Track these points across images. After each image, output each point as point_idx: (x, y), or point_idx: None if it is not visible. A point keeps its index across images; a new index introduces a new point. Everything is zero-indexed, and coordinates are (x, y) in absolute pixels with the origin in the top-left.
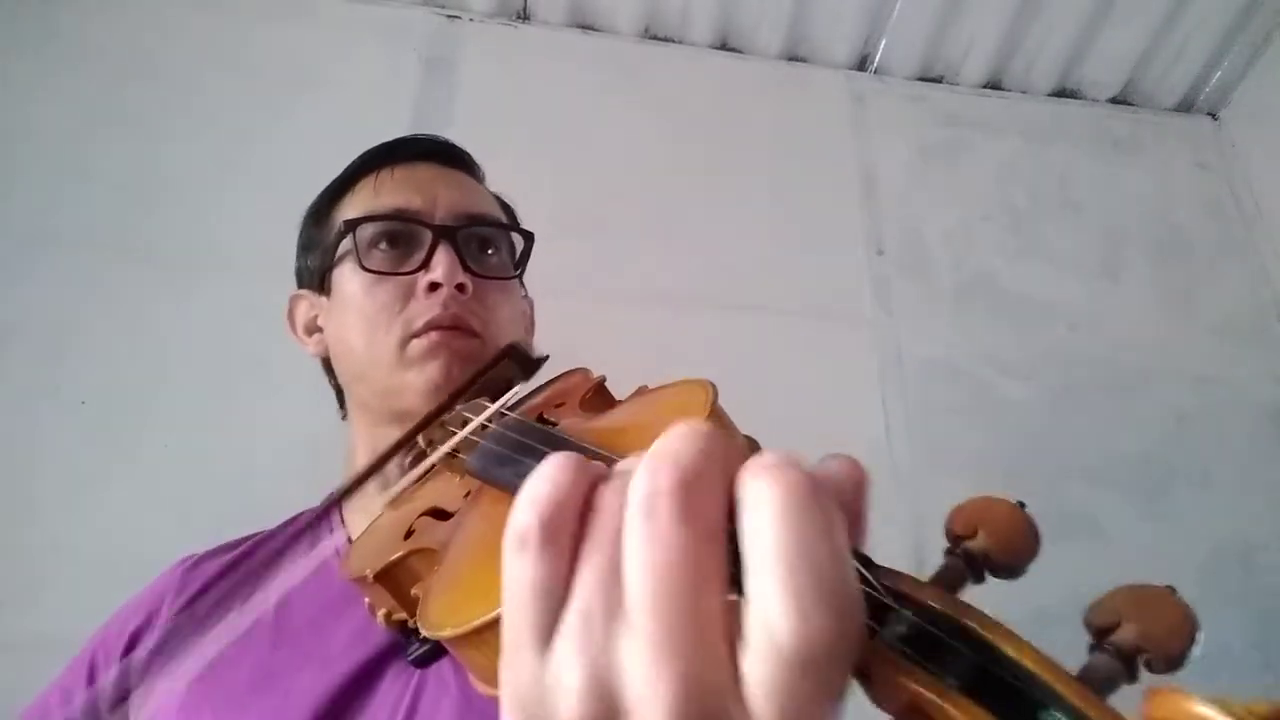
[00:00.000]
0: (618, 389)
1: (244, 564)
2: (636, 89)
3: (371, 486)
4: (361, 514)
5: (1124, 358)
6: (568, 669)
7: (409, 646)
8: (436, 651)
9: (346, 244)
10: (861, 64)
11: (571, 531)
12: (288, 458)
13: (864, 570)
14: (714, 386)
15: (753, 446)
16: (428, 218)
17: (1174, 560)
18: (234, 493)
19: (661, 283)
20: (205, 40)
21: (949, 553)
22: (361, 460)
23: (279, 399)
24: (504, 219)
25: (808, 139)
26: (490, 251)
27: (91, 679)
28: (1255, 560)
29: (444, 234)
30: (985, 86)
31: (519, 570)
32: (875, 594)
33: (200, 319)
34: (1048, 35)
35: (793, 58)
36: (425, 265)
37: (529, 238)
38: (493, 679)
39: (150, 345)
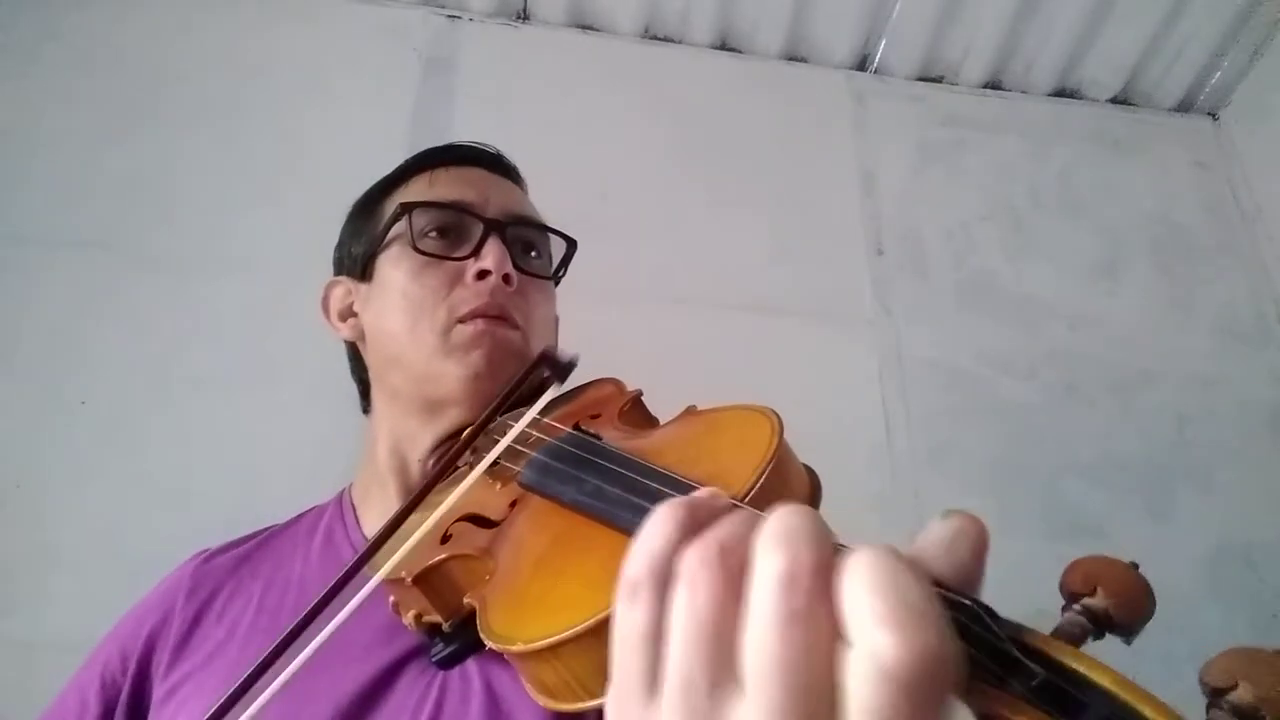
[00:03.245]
0: None
1: (254, 559)
2: (636, 89)
3: (391, 483)
4: (377, 512)
5: (1124, 358)
6: None
7: (433, 647)
8: (462, 653)
9: (399, 227)
10: (861, 64)
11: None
12: (289, 457)
13: (991, 623)
14: (779, 419)
15: (811, 475)
16: (480, 211)
17: (1175, 560)
18: (235, 492)
19: (661, 283)
20: (207, 41)
21: (1066, 608)
22: (382, 452)
23: (278, 399)
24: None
25: (808, 139)
26: (534, 254)
27: (104, 677)
28: (1256, 560)
29: (495, 227)
30: (985, 86)
31: (625, 622)
32: (1002, 646)
33: (200, 318)
34: (1048, 35)
35: (793, 58)
36: (475, 254)
37: (571, 244)
38: (557, 693)
39: (150, 345)
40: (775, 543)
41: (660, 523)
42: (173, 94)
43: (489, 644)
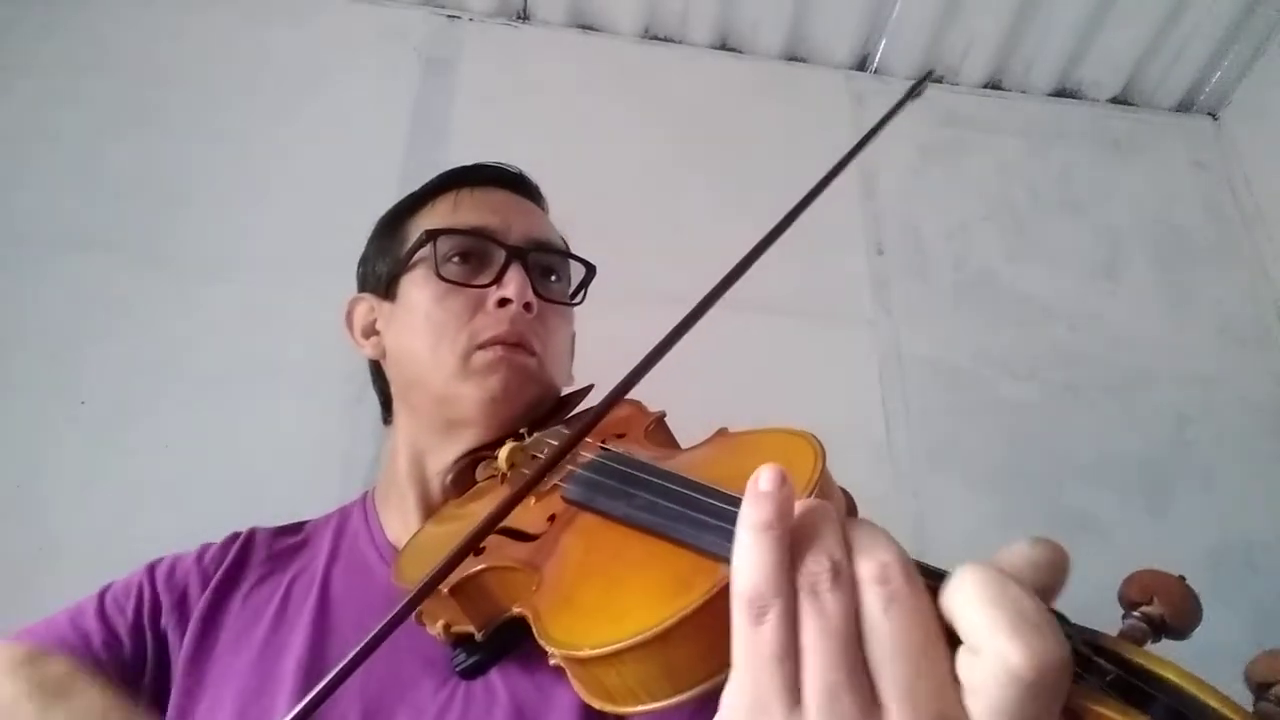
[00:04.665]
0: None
1: (288, 554)
2: (636, 89)
3: (410, 493)
4: (397, 518)
5: (1124, 358)
6: None
7: (456, 657)
8: (485, 663)
9: (424, 252)
10: (861, 64)
11: (794, 597)
12: (287, 458)
13: (1066, 628)
14: (821, 445)
15: (849, 500)
16: (502, 238)
17: (1175, 560)
18: (233, 492)
19: (661, 283)
20: (207, 42)
21: (1127, 616)
22: (402, 463)
23: (279, 399)
24: (566, 248)
25: (808, 139)
26: (554, 278)
27: (139, 623)
28: (1256, 560)
29: (516, 254)
30: (985, 86)
31: (759, 641)
32: (1078, 647)
33: (200, 319)
34: (1048, 35)
35: (793, 58)
36: (497, 281)
37: (590, 269)
38: (618, 696)
39: (150, 345)
40: (863, 550)
41: (764, 542)
42: (172, 94)
43: (549, 649)
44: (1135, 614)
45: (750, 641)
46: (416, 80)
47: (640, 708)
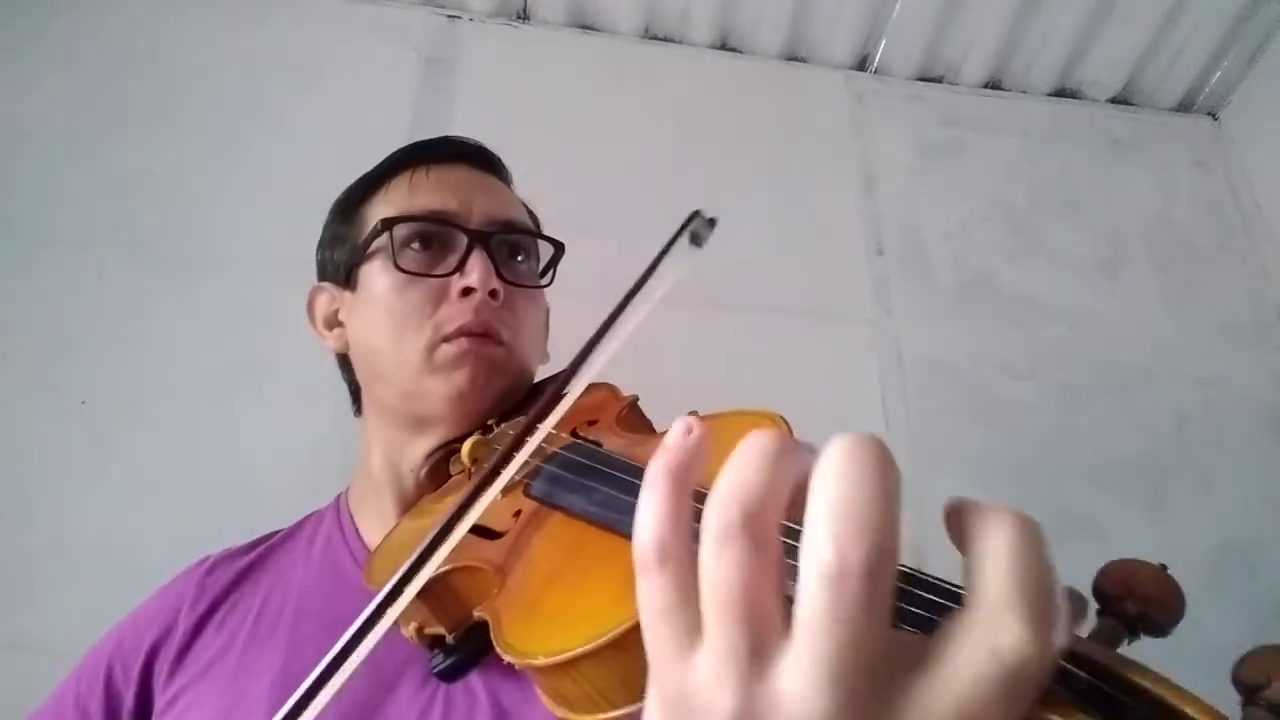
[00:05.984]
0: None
1: (257, 570)
2: (636, 89)
3: (387, 492)
4: (375, 520)
5: (1124, 358)
6: (719, 694)
7: (434, 659)
8: (464, 665)
9: (381, 241)
10: (861, 64)
11: (689, 550)
12: (286, 457)
13: None
14: (785, 424)
15: None
16: (464, 221)
17: (1174, 560)
18: (232, 492)
19: None
20: (206, 40)
21: (1102, 613)
22: (375, 461)
23: (277, 399)
24: (533, 226)
25: (808, 139)
26: (520, 258)
27: (109, 688)
28: (1256, 560)
29: (479, 239)
30: (985, 86)
31: (647, 592)
32: None
33: (199, 318)
34: (1048, 35)
35: (793, 58)
36: (460, 269)
37: (559, 247)
38: (577, 704)
39: (149, 345)
40: (825, 524)
41: (650, 496)
42: (171, 94)
43: (506, 658)
44: (1111, 611)
45: (642, 595)
46: (416, 80)
47: (600, 716)
